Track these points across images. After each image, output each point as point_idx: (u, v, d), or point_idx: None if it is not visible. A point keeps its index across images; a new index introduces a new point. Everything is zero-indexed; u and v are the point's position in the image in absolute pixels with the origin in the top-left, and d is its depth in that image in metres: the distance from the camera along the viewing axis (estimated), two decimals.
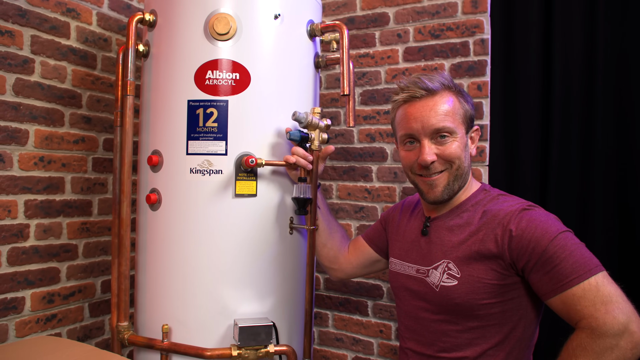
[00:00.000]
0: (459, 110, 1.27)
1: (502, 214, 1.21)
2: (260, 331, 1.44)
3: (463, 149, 1.27)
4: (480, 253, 1.20)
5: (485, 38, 1.99)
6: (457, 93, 1.29)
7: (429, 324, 1.29)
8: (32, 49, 1.69)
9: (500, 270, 1.18)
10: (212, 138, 1.48)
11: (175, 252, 1.52)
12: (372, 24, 2.22)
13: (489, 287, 1.19)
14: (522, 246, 1.15)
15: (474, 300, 1.20)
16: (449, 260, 1.26)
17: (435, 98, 1.26)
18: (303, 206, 1.51)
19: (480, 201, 1.29)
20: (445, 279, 1.25)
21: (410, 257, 1.38)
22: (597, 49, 1.78)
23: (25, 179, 1.68)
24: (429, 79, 1.28)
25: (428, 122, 1.24)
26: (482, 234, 1.22)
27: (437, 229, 1.33)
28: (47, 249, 1.76)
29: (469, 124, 1.30)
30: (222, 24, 1.47)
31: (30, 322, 1.70)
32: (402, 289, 1.40)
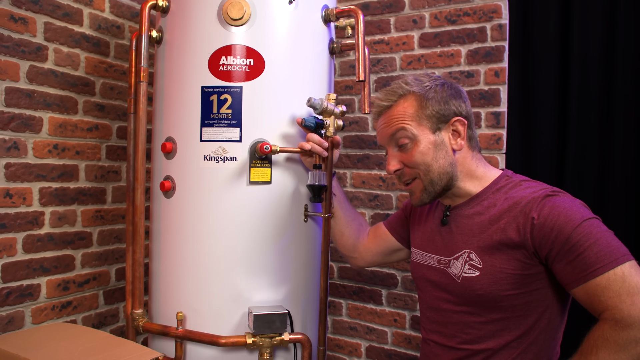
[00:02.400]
0: (417, 112, 1.24)
1: (524, 201, 1.16)
2: (275, 319, 1.43)
3: (430, 151, 1.23)
4: (502, 242, 1.16)
5: (503, 23, 1.95)
6: (420, 95, 1.24)
7: (451, 316, 1.26)
8: (46, 36, 1.68)
9: (524, 259, 1.14)
10: (226, 125, 1.47)
11: (190, 240, 1.51)
12: (387, 10, 2.19)
13: (512, 277, 1.15)
14: (545, 234, 1.10)
15: (497, 291, 1.16)
16: (470, 250, 1.22)
17: (392, 108, 1.27)
18: (318, 194, 1.50)
19: (501, 188, 1.24)
20: (466, 270, 1.21)
21: (431, 248, 1.35)
22: (616, 35, 1.74)
23: (40, 167, 1.68)
24: (387, 92, 1.29)
25: (385, 132, 1.28)
26: (503, 222, 1.17)
27: (457, 218, 1.29)
28: (62, 237, 1.76)
29: (440, 121, 1.24)
30: (236, 9, 1.45)
31: (46, 309, 1.71)
32: (424, 280, 1.37)
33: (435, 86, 1.25)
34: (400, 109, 1.25)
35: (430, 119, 1.23)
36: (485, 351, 1.21)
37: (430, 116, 1.23)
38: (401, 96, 1.26)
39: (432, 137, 1.24)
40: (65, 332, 1.53)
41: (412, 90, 1.25)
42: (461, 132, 1.24)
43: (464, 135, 1.25)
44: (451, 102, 1.24)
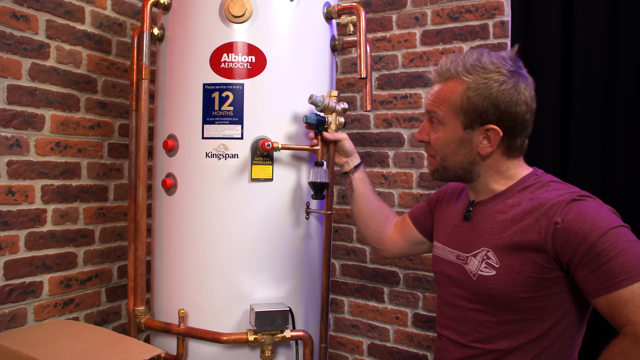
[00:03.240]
0: (456, 102, 1.15)
1: (549, 204, 1.09)
2: (277, 316, 1.43)
3: (452, 145, 1.18)
4: (521, 244, 1.11)
5: (506, 20, 1.94)
6: (468, 87, 1.14)
7: (465, 313, 1.22)
8: (48, 34, 1.68)
9: (543, 263, 1.08)
10: (227, 122, 1.47)
11: (191, 237, 1.51)
12: (388, 7, 2.18)
13: (528, 280, 1.10)
14: (567, 240, 1.04)
15: (512, 292, 1.12)
16: (489, 248, 1.17)
17: (440, 84, 1.19)
18: (320, 190, 1.50)
19: (528, 187, 1.17)
20: (483, 268, 1.17)
21: (452, 242, 1.30)
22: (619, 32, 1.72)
23: (42, 164, 1.68)
24: (444, 67, 1.19)
25: (426, 103, 1.24)
26: (525, 223, 1.11)
27: (480, 214, 1.24)
28: (64, 234, 1.76)
29: (475, 121, 1.15)
30: (238, 6, 1.45)
31: (49, 306, 1.72)
32: (442, 275, 1.33)
33: (495, 82, 1.13)
34: (445, 91, 1.17)
35: (466, 114, 1.15)
36: (496, 351, 1.17)
37: (467, 112, 1.15)
38: (450, 78, 1.17)
39: (461, 133, 1.17)
40: (67, 329, 1.54)
41: (462, 78, 1.15)
42: (492, 140, 1.15)
43: (495, 144, 1.15)
44: (501, 106, 1.13)
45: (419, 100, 2.11)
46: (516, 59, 1.17)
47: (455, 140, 1.18)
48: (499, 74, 1.13)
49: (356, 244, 2.27)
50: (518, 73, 1.15)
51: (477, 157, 1.18)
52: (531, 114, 1.17)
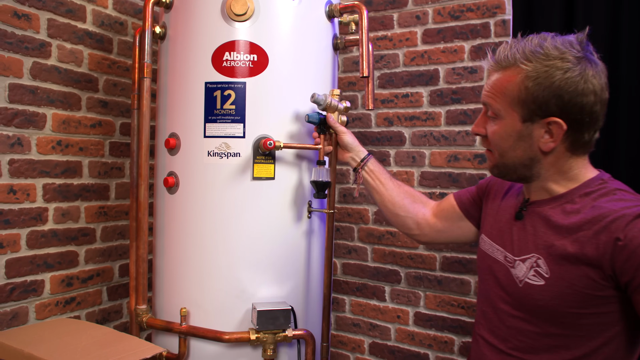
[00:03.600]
0: (514, 92, 1.05)
1: (611, 216, 0.98)
2: (279, 315, 1.43)
3: (510, 139, 1.08)
4: (576, 256, 1.00)
5: (507, 19, 1.94)
6: (527, 76, 1.03)
7: (506, 318, 1.13)
8: (49, 33, 1.68)
9: (598, 279, 0.98)
10: (229, 120, 1.47)
11: (193, 236, 1.51)
12: (390, 6, 2.18)
13: (580, 295, 1.00)
14: (628, 260, 0.94)
15: (560, 306, 1.03)
16: (540, 255, 1.07)
17: (500, 73, 1.09)
18: (322, 189, 1.50)
19: (591, 193, 1.06)
20: (531, 276, 1.07)
21: (501, 240, 1.20)
22: (621, 31, 1.72)
23: (44, 163, 1.68)
24: (503, 54, 1.08)
25: (482, 94, 1.14)
26: (583, 234, 1.00)
27: (534, 216, 1.13)
28: (66, 233, 1.76)
29: (535, 113, 1.04)
30: (240, 4, 1.45)
31: (50, 304, 1.71)
32: (487, 272, 1.23)
33: (558, 70, 1.02)
34: (502, 80, 1.07)
35: (524, 106, 1.05)
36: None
37: (525, 103, 1.04)
38: (508, 67, 1.07)
39: (519, 126, 1.07)
40: (68, 328, 1.54)
41: (520, 66, 1.04)
42: (555, 134, 1.04)
43: (558, 139, 1.04)
44: (565, 96, 1.01)
45: (420, 99, 2.11)
46: (586, 43, 1.06)
47: (513, 134, 1.08)
48: (562, 60, 1.01)
49: (357, 243, 2.27)
50: (586, 59, 1.03)
51: (539, 153, 1.08)
52: (601, 104, 1.04)
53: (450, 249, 2.05)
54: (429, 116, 2.09)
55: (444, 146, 2.07)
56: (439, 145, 2.08)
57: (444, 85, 2.06)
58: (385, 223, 2.20)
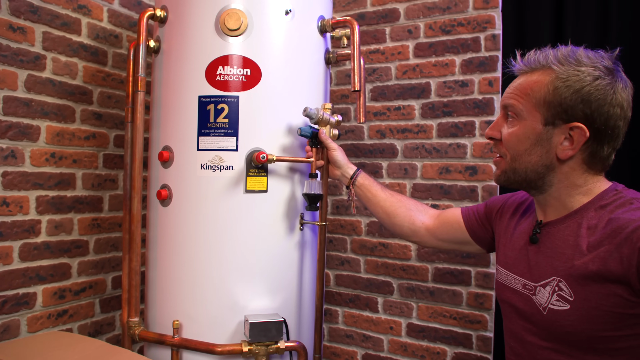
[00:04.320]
0: (541, 92, 1.02)
1: (631, 226, 0.92)
2: (271, 327, 1.44)
3: (527, 142, 1.05)
4: (599, 274, 0.94)
5: (497, 33, 1.97)
6: (556, 77, 1.01)
7: (537, 351, 1.06)
8: (44, 46, 1.69)
9: (627, 296, 0.92)
10: (223, 134, 1.48)
11: (186, 248, 1.52)
12: (382, 20, 2.21)
13: (610, 315, 0.94)
14: None
15: (591, 330, 0.96)
16: (561, 278, 1.01)
17: (527, 75, 1.06)
18: (314, 202, 1.51)
19: (607, 205, 1.01)
20: (554, 301, 1.01)
21: (517, 269, 1.14)
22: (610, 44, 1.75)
23: (37, 175, 1.68)
24: (538, 54, 1.06)
25: (503, 97, 1.11)
26: (604, 249, 0.95)
27: (549, 237, 1.07)
28: (59, 245, 1.76)
29: (558, 117, 1.01)
30: (233, 19, 1.47)
31: (42, 317, 1.71)
32: (508, 305, 1.16)
33: (588, 76, 0.99)
34: (529, 81, 1.05)
35: (550, 108, 1.01)
36: None
37: (551, 105, 1.01)
38: (537, 69, 1.05)
39: (540, 129, 1.03)
40: (61, 341, 1.53)
41: (552, 67, 1.02)
42: (575, 141, 1.01)
43: (578, 146, 1.00)
44: (593, 103, 0.98)
45: (412, 112, 2.13)
46: (616, 59, 1.03)
47: (532, 136, 1.04)
48: (594, 68, 0.99)
49: (350, 254, 2.28)
50: (616, 71, 1.01)
51: (555, 160, 1.04)
52: (625, 122, 1.01)
53: (442, 260, 2.07)
54: (421, 129, 2.12)
55: (436, 158, 2.09)
56: (430, 157, 2.10)
57: (436, 98, 2.09)
58: (378, 234, 2.21)
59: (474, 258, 2.00)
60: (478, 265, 2.00)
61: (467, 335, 2.02)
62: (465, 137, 2.03)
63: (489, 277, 1.98)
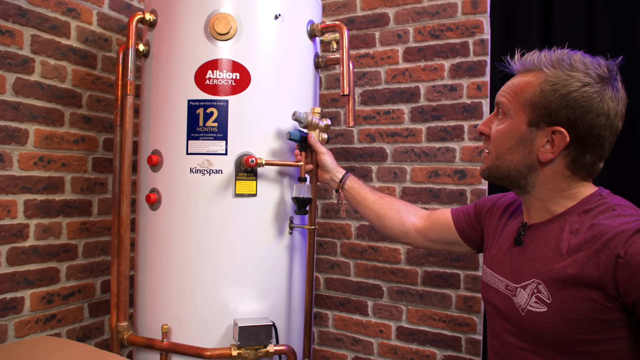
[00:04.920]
0: (529, 93, 1.03)
1: (610, 233, 0.93)
2: (260, 331, 1.44)
3: (511, 141, 1.06)
4: (577, 278, 0.95)
5: (485, 38, 1.99)
6: (546, 80, 1.02)
7: (514, 351, 1.08)
8: (33, 49, 1.69)
9: (602, 301, 0.93)
10: (212, 138, 1.48)
11: (175, 252, 1.52)
12: (372, 24, 2.22)
13: (585, 320, 0.95)
14: (631, 277, 0.88)
15: (566, 333, 0.97)
16: (540, 280, 1.02)
17: (522, 76, 1.08)
18: (303, 206, 1.51)
19: (590, 210, 1.01)
20: (532, 303, 1.03)
21: (501, 269, 1.16)
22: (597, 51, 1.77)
23: (25, 179, 1.68)
24: (534, 55, 1.07)
25: (497, 95, 1.12)
26: (583, 254, 0.96)
27: (533, 239, 1.09)
28: (47, 249, 1.75)
29: (542, 119, 1.02)
30: (223, 23, 1.47)
31: (30, 322, 1.70)
32: (490, 305, 1.18)
33: (577, 82, 0.99)
34: (522, 81, 1.06)
35: (534, 109, 1.03)
36: None
37: (537, 107, 1.02)
38: (531, 70, 1.06)
39: (524, 129, 1.04)
40: (49, 346, 1.52)
41: (543, 70, 1.03)
42: (556, 145, 1.02)
43: (558, 150, 1.02)
44: (577, 109, 0.99)
45: (402, 115, 2.14)
46: (613, 67, 1.03)
47: (516, 136, 1.06)
48: (585, 74, 0.99)
49: (340, 258, 2.28)
50: (609, 81, 1.01)
51: (536, 162, 1.05)
52: (611, 131, 1.01)
53: (431, 263, 2.08)
54: (410, 132, 2.13)
55: (425, 162, 2.10)
56: (420, 161, 2.11)
57: (425, 102, 2.10)
58: (367, 238, 2.22)
59: (463, 261, 2.02)
60: (467, 268, 2.01)
61: (457, 338, 2.03)
62: (454, 141, 2.04)
63: (477, 280, 1.99)
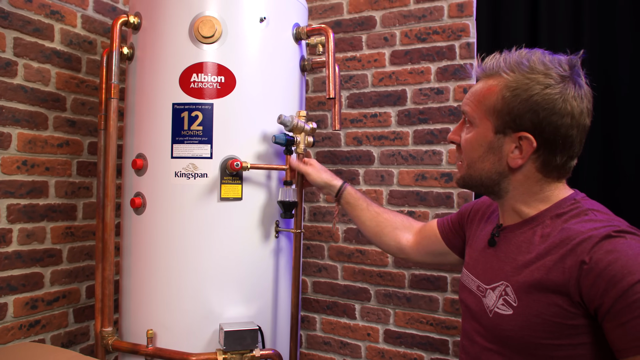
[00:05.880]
0: (491, 100, 1.01)
1: (578, 239, 0.92)
2: (246, 335, 1.43)
3: (480, 150, 1.05)
4: (542, 283, 0.95)
5: (471, 42, 2.00)
6: (507, 85, 1.00)
7: (481, 352, 1.08)
8: (15, 52, 1.67)
9: (566, 307, 0.93)
10: (197, 141, 1.48)
11: (160, 257, 1.51)
12: (359, 28, 2.22)
13: (550, 324, 0.94)
14: (594, 284, 0.88)
15: (530, 337, 0.96)
16: (508, 283, 1.02)
17: (483, 81, 1.06)
18: (289, 209, 1.51)
19: (563, 214, 1.01)
20: (500, 305, 1.02)
21: (475, 270, 1.16)
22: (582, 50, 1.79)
23: (8, 183, 1.66)
24: (493, 60, 1.05)
25: (463, 101, 1.11)
26: (550, 259, 0.96)
27: (506, 242, 1.08)
28: (31, 254, 1.73)
29: (508, 126, 1.01)
30: (207, 27, 1.47)
31: (13, 328, 1.68)
32: (464, 305, 1.18)
33: (538, 85, 0.98)
34: (483, 88, 1.04)
35: (499, 116, 1.01)
36: None
37: (500, 114, 1.01)
38: (491, 76, 1.04)
39: (491, 137, 1.03)
40: (33, 352, 1.50)
41: (502, 76, 1.01)
42: (524, 150, 1.01)
43: (527, 156, 1.00)
44: (540, 112, 0.97)
45: (389, 118, 2.15)
46: (576, 64, 1.01)
47: (484, 144, 1.04)
48: (546, 76, 0.98)
49: (327, 261, 2.28)
50: (571, 79, 0.99)
51: (507, 168, 1.04)
52: (578, 130, 0.99)
53: (418, 266, 2.08)
54: (397, 136, 2.13)
55: (412, 165, 2.10)
56: (407, 164, 2.11)
57: (412, 105, 2.10)
58: (355, 241, 2.22)
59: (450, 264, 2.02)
60: (453, 271, 2.01)
61: (444, 341, 2.03)
62: (441, 144, 2.05)
63: None
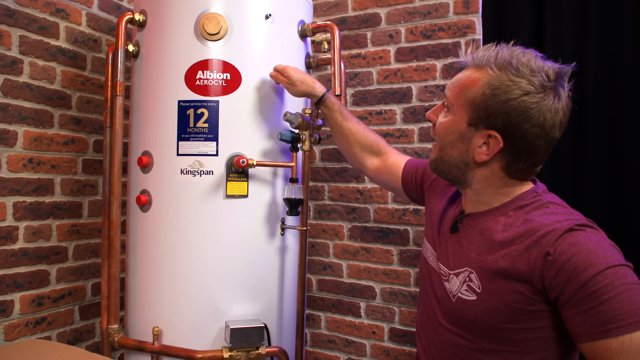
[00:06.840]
0: (472, 93, 1.02)
1: (542, 230, 0.97)
2: (252, 333, 1.43)
3: (452, 136, 1.07)
4: (507, 271, 0.99)
5: (477, 38, 1.99)
6: (489, 82, 1.01)
7: (442, 332, 1.12)
8: (21, 50, 1.67)
9: (528, 294, 0.97)
10: (202, 139, 1.47)
11: (166, 254, 1.51)
12: (363, 25, 2.22)
13: (511, 310, 0.99)
14: (557, 275, 0.92)
15: (492, 322, 1.01)
16: (472, 269, 1.06)
17: (471, 70, 1.05)
18: (295, 207, 1.51)
19: (525, 206, 1.04)
20: (463, 291, 1.06)
21: (438, 250, 1.19)
22: (587, 51, 1.78)
23: (14, 181, 1.66)
24: (484, 51, 1.05)
25: (446, 86, 1.12)
26: (515, 248, 0.99)
27: (469, 229, 1.11)
28: (37, 252, 1.74)
29: (480, 121, 1.02)
30: (213, 24, 1.47)
31: (20, 325, 1.68)
32: (426, 281, 1.21)
33: (518, 90, 0.99)
34: (469, 78, 1.05)
35: (475, 110, 1.02)
36: None
37: (477, 108, 1.02)
38: (480, 67, 1.04)
39: (464, 127, 1.05)
40: (38, 349, 1.51)
41: (488, 71, 1.02)
42: (490, 148, 1.03)
43: (492, 154, 1.03)
44: (513, 117, 0.99)
45: (394, 116, 2.14)
46: (564, 75, 1.03)
47: (456, 132, 1.06)
48: (529, 82, 0.99)
49: (333, 259, 2.28)
50: (553, 91, 1.00)
51: (472, 161, 1.07)
52: (546, 141, 1.01)
53: None
54: (403, 133, 2.13)
55: None
56: None
57: (417, 102, 2.10)
58: (360, 239, 2.21)
59: None
60: None
61: None
62: None
63: None
